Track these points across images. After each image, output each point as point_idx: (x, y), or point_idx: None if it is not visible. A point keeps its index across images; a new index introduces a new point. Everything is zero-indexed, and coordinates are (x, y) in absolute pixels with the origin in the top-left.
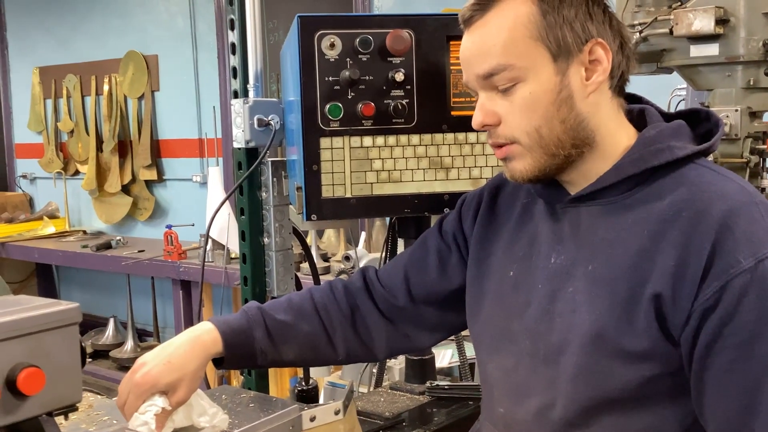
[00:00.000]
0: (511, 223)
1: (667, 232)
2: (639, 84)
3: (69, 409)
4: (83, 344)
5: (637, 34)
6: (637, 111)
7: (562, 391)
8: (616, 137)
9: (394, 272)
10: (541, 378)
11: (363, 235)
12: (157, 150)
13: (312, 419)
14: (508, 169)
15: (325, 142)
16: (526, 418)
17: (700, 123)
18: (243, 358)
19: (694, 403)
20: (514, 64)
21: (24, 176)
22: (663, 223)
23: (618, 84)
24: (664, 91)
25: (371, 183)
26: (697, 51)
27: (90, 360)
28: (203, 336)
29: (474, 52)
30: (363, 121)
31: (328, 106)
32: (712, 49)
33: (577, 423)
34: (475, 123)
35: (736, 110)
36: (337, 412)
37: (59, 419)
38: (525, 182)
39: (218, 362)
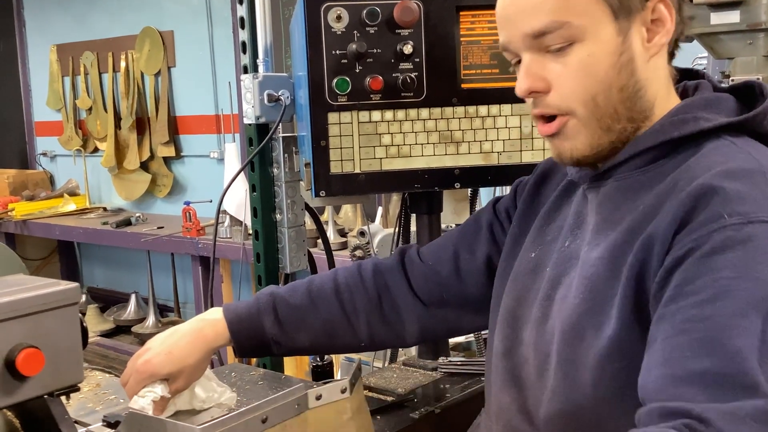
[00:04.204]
0: (548, 203)
1: (660, 206)
2: None
3: (70, 389)
4: (84, 324)
5: None
6: (693, 87)
7: (549, 385)
8: (666, 110)
9: (441, 248)
10: (533, 369)
11: (380, 210)
12: (174, 127)
13: (318, 398)
14: (554, 147)
15: (332, 117)
16: (511, 407)
17: (756, 99)
18: (255, 347)
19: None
20: (571, 22)
21: (44, 154)
22: (658, 197)
23: (671, 50)
24: (685, 60)
25: (380, 158)
26: (718, 18)
27: (112, 335)
28: (206, 329)
29: (521, 6)
30: (371, 96)
31: (335, 81)
32: (733, 17)
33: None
34: (520, 90)
35: (758, 79)
36: (343, 391)
37: (63, 399)
38: (573, 163)
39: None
